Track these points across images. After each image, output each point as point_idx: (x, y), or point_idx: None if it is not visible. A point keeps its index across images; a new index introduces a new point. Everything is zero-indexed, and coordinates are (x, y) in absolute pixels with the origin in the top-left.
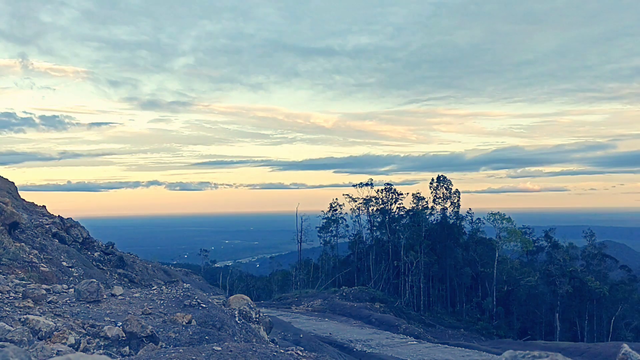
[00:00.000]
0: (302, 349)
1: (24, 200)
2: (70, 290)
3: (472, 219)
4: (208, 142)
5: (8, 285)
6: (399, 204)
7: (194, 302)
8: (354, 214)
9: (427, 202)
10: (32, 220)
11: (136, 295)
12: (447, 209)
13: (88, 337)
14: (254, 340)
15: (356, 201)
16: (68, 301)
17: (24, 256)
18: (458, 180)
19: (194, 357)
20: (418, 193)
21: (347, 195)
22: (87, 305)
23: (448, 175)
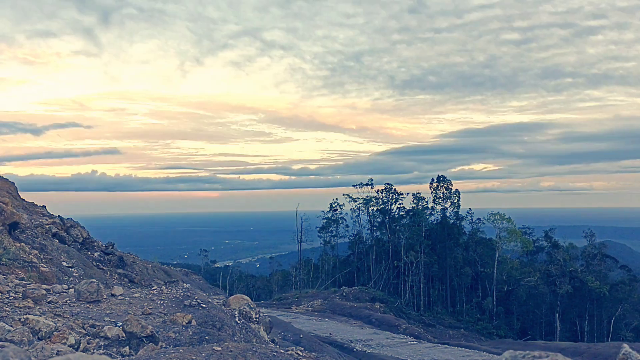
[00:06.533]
0: (302, 349)
1: (24, 200)
2: (70, 290)
3: (472, 219)
4: (209, 140)
5: (8, 285)
6: (399, 204)
7: (194, 302)
8: (354, 214)
9: (427, 202)
10: (32, 220)
11: (136, 295)
12: (447, 209)
13: (88, 337)
14: (254, 340)
15: (356, 201)
16: (68, 301)
17: (24, 256)
18: (457, 178)
19: (194, 357)
20: (418, 193)
21: (347, 195)
22: (87, 305)
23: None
